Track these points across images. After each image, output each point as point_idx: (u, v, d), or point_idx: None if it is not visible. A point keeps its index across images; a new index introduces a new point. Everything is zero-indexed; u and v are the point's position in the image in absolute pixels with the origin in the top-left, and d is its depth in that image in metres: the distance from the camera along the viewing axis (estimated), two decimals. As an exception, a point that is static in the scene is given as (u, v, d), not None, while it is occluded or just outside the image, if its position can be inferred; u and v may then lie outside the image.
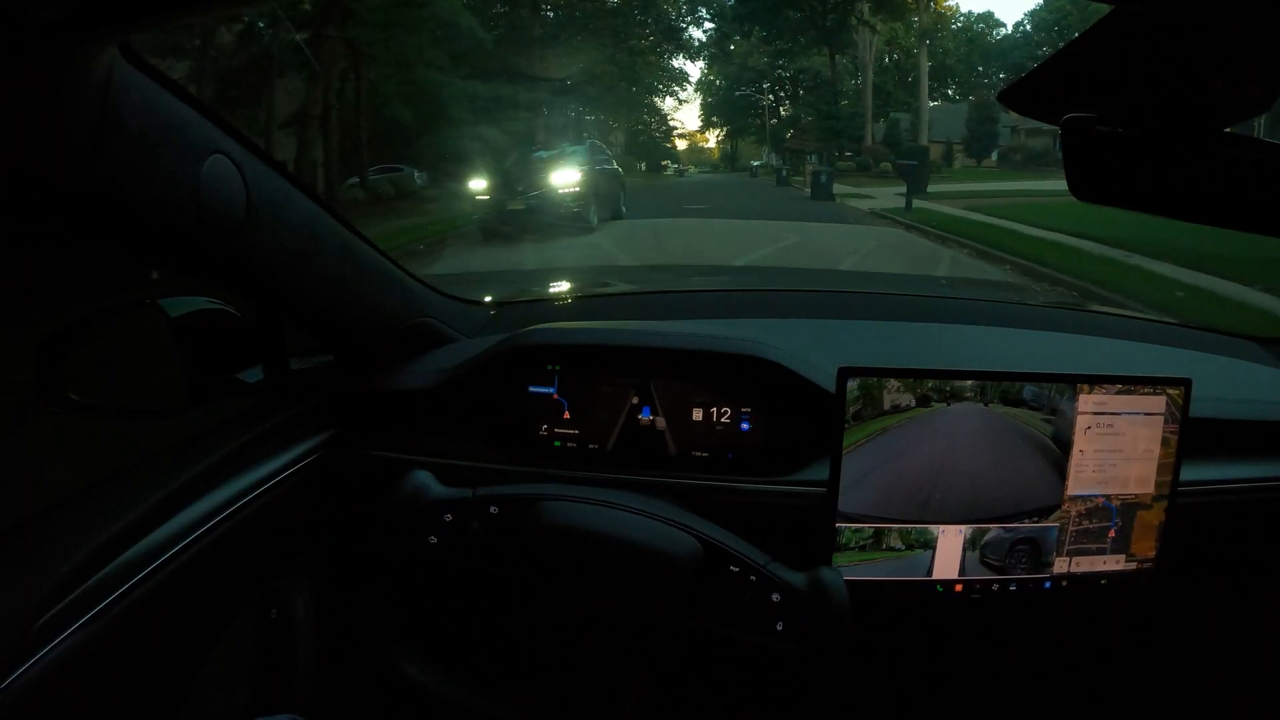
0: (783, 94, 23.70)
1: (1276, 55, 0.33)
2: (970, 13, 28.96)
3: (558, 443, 0.90)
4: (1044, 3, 22.04)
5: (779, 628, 0.66)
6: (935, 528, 0.81)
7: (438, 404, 0.93)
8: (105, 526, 0.61)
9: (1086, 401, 0.80)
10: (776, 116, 23.85)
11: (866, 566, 0.81)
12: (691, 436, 0.89)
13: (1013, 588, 0.83)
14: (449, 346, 1.02)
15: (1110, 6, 0.32)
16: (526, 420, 0.90)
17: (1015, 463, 0.81)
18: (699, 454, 0.89)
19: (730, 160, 26.82)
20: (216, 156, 0.60)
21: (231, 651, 0.79)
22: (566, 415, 0.90)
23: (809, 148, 19.77)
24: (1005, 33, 23.85)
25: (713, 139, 28.10)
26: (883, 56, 20.87)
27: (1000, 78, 22.83)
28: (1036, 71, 0.39)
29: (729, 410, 0.89)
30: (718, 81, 24.65)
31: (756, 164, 23.54)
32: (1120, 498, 0.82)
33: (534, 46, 15.59)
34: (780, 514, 0.84)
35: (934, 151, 17.39)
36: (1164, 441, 0.82)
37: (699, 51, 22.56)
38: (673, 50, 21.60)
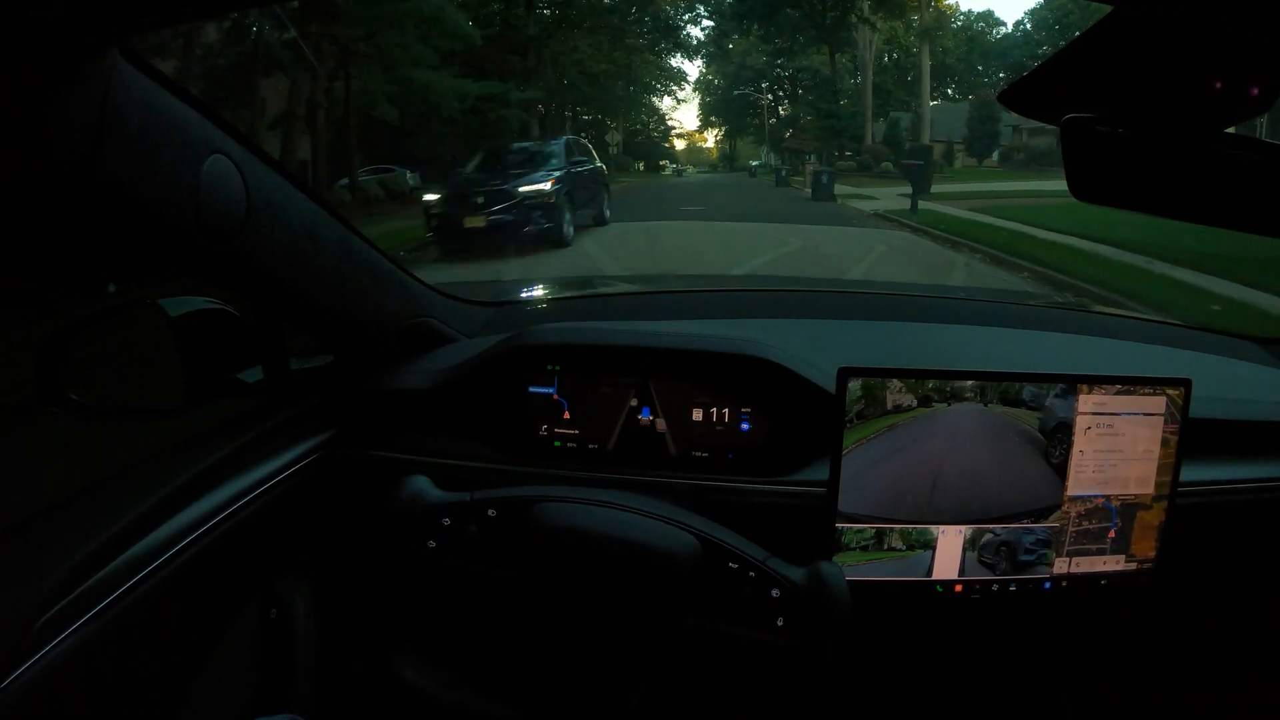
0: (782, 93, 23.72)
1: (1276, 55, 0.33)
2: (970, 11, 28.96)
3: (558, 443, 0.90)
4: (1044, 1, 22.07)
5: (779, 623, 0.65)
6: (935, 528, 0.81)
7: (438, 404, 0.93)
8: (105, 526, 0.61)
9: (1086, 402, 0.80)
10: (775, 116, 23.86)
11: (867, 566, 0.81)
12: (691, 437, 0.89)
13: (1012, 588, 0.83)
14: (449, 346, 1.02)
15: (1111, 6, 0.32)
16: (526, 420, 0.90)
17: (1015, 463, 0.81)
18: (699, 454, 0.89)
19: (729, 160, 26.83)
20: (216, 156, 0.60)
21: (231, 651, 0.79)
22: (566, 415, 0.90)
23: (808, 147, 19.72)
24: (1005, 31, 23.88)
25: (711, 139, 28.18)
26: (882, 55, 20.84)
27: (1000, 77, 22.81)
28: (1037, 71, 0.39)
29: (729, 410, 0.89)
30: (716, 80, 24.68)
31: (755, 164, 23.51)
32: (1120, 498, 0.82)
33: (529, 44, 15.49)
34: (780, 514, 0.84)
35: (935, 151, 17.35)
36: (1164, 442, 0.82)
37: (697, 50, 22.61)
38: (670, 48, 21.61)
